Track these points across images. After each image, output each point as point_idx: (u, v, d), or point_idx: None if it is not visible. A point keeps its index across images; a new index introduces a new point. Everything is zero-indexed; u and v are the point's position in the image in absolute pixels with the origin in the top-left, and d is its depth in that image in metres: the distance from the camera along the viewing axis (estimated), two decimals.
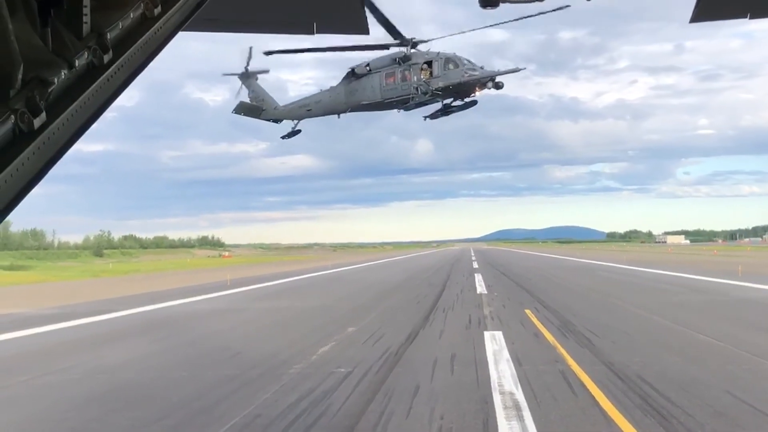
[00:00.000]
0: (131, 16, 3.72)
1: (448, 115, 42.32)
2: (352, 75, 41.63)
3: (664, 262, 79.03)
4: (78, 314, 29.36)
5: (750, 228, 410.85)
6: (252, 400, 12.89)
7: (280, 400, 12.80)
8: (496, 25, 38.65)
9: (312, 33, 6.41)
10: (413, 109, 41.90)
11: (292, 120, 44.12)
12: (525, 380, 13.99)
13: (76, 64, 3.34)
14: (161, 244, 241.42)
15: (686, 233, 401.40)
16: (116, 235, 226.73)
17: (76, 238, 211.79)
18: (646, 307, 28.51)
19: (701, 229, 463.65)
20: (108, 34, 3.54)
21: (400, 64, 40.34)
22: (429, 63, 40.25)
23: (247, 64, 43.55)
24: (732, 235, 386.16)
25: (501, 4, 6.45)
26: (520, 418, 11.17)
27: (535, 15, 32.67)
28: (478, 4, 6.28)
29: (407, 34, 39.69)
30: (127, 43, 3.67)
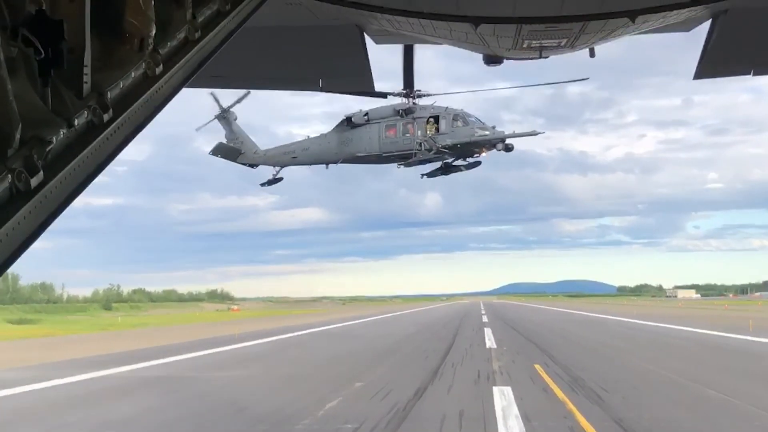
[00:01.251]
0: (132, 75, 3.77)
1: (448, 174, 40.17)
2: (347, 123, 39.28)
3: (675, 316, 78.54)
4: (89, 367, 29.20)
5: (761, 282, 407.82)
6: None
7: None
8: (512, 87, 38.10)
9: (318, 90, 6.48)
10: (415, 165, 39.63)
11: (274, 166, 41.49)
12: None
13: (76, 123, 3.37)
14: (170, 298, 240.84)
15: (697, 287, 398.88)
16: (125, 289, 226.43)
17: (85, 292, 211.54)
18: (655, 361, 28.27)
19: (712, 283, 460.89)
20: (108, 93, 3.58)
21: (402, 116, 38.04)
22: (435, 118, 37.97)
23: (219, 103, 40.96)
24: (743, 290, 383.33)
25: (505, 61, 6.53)
26: None
27: (553, 83, 32.43)
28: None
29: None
30: (128, 102, 3.71)
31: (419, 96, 36.96)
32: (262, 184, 42.20)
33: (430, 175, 40.39)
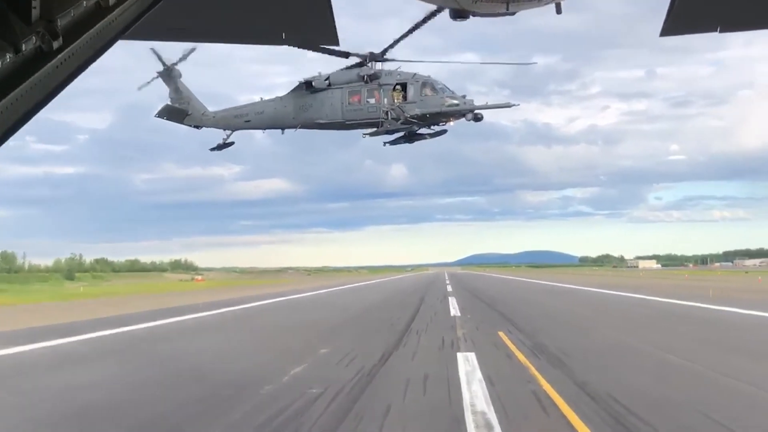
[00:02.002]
0: (84, 4, 3.64)
1: (412, 142, 37.96)
2: (307, 88, 36.55)
3: (635, 286, 79.55)
4: (47, 336, 28.93)
5: (721, 253, 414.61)
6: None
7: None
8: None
9: (281, 43, 6.39)
10: (381, 135, 37.16)
11: (224, 130, 38.55)
12: (497, 400, 13.96)
13: (23, 49, 3.27)
14: (133, 268, 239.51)
15: (658, 258, 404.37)
16: (88, 259, 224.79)
17: (47, 261, 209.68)
18: (616, 328, 28.68)
19: (673, 253, 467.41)
20: (59, 21, 3.46)
21: (367, 81, 35.51)
22: (403, 85, 35.59)
23: (161, 60, 37.53)
24: (703, 260, 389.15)
25: (471, 18, 6.49)
26: None
27: (504, 63, 31.21)
28: (451, 30, 6.33)
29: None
30: (79, 31, 3.59)
31: (384, 61, 35.04)
32: (212, 149, 39.45)
33: (393, 143, 37.86)
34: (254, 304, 54.67)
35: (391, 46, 33.35)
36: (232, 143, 38.94)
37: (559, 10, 6.39)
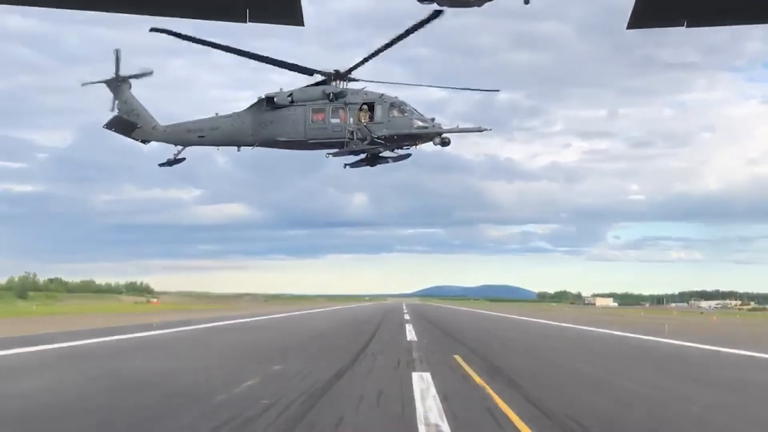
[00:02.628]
0: None
1: (374, 166, 36.47)
2: (267, 104, 34.67)
3: (593, 321, 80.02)
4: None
5: (677, 293, 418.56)
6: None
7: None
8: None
9: (245, 21, 6.28)
10: (345, 155, 35.69)
11: (175, 145, 36.18)
12: (451, 414, 13.85)
13: None
14: (88, 289, 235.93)
15: (615, 296, 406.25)
16: (42, 278, 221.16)
17: None
18: (573, 357, 28.78)
19: (629, 292, 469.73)
20: None
21: (332, 100, 34.01)
22: (370, 105, 34.22)
23: (117, 67, 35.42)
24: (659, 300, 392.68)
25: (439, 5, 6.46)
26: None
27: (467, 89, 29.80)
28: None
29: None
30: None
31: (349, 80, 33.96)
32: (161, 164, 36.98)
33: (355, 165, 36.37)
34: (209, 325, 54.15)
35: (358, 65, 32.47)
36: (182, 159, 36.65)
37: (527, 0, 6.37)
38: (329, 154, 35.23)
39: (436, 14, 25.46)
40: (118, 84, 35.60)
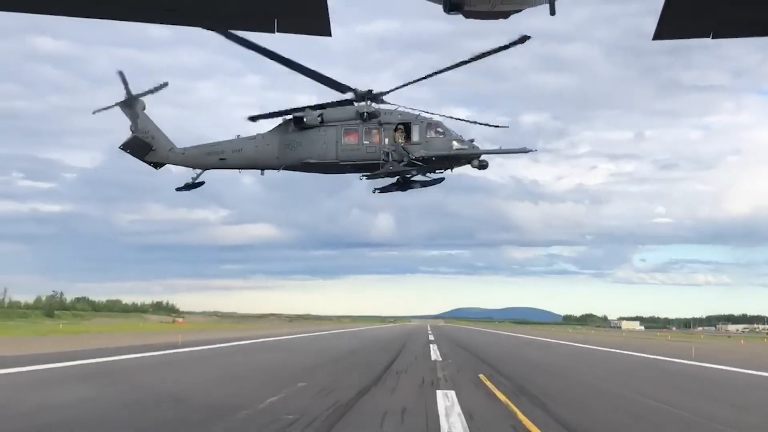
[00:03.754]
0: None
1: (405, 190, 34.69)
2: (295, 124, 32.85)
3: (618, 344, 79.36)
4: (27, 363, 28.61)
5: (704, 317, 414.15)
6: None
7: None
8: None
9: (273, 31, 6.34)
10: (382, 177, 33.74)
11: (194, 168, 34.27)
12: (476, 431, 13.77)
13: None
14: (114, 308, 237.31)
15: (641, 319, 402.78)
16: (69, 297, 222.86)
17: (27, 298, 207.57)
18: (598, 377, 28.54)
19: (656, 315, 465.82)
20: None
21: (365, 119, 32.38)
22: (406, 125, 32.74)
23: (126, 88, 33.51)
24: (686, 324, 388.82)
25: (465, 17, 6.49)
26: None
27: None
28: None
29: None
30: None
31: (381, 102, 32.37)
32: (179, 189, 35.07)
33: (384, 190, 34.57)
34: (234, 344, 54.30)
35: (396, 89, 31.63)
36: (201, 183, 34.81)
37: (552, 11, 6.38)
38: (363, 176, 33.77)
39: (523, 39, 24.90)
40: (131, 105, 34.00)
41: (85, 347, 42.38)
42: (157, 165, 34.66)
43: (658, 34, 6.40)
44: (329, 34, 6.37)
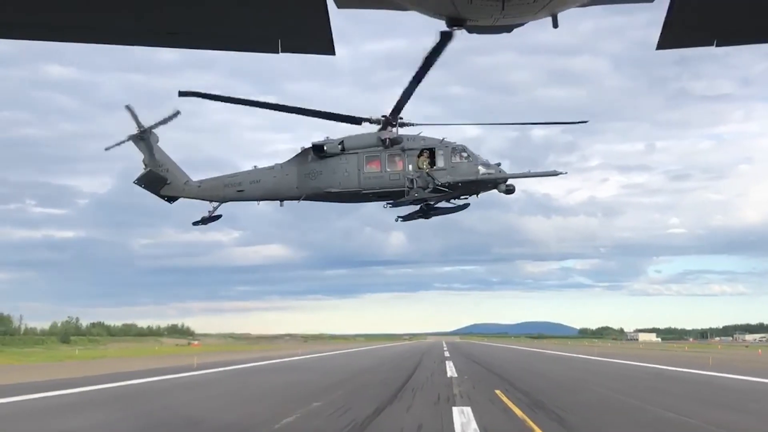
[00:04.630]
0: None
1: (428, 218, 33.68)
2: (316, 152, 31.86)
3: (636, 356, 78.94)
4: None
5: (720, 327, 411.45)
6: None
7: None
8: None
9: (277, 52, 6.37)
10: (407, 205, 32.37)
11: (210, 201, 33.25)
12: None
13: None
14: (130, 332, 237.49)
15: (657, 331, 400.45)
16: (84, 322, 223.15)
17: (43, 324, 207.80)
18: (615, 389, 28.38)
19: (672, 326, 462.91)
20: None
21: (387, 146, 31.44)
22: (430, 151, 31.70)
23: (137, 121, 32.50)
24: (703, 334, 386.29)
25: (468, 32, 6.50)
26: None
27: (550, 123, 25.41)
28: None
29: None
30: None
31: (402, 125, 31.24)
32: (195, 223, 34.10)
33: (407, 218, 33.65)
34: (250, 365, 54.30)
35: (398, 108, 30.92)
36: (219, 216, 33.96)
37: (555, 24, 6.38)
38: (387, 204, 32.50)
39: (446, 36, 24.09)
40: (143, 138, 32.95)
41: (101, 372, 42.45)
42: (171, 199, 33.87)
43: (662, 44, 6.41)
44: (333, 53, 6.40)
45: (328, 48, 6.30)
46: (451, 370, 42.70)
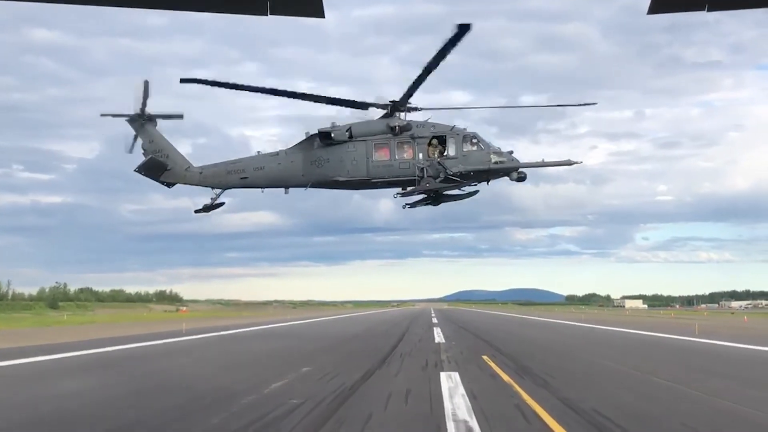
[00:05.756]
0: None
1: (437, 205, 32.91)
2: (321, 139, 30.90)
3: (623, 322, 79.49)
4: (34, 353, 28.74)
5: (707, 294, 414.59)
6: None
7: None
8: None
9: (266, 14, 6.34)
10: (416, 195, 32.01)
11: (213, 188, 32.57)
12: (479, 411, 13.85)
13: None
14: (118, 298, 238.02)
15: (644, 298, 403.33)
16: (72, 288, 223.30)
17: (31, 290, 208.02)
18: (601, 355, 28.66)
19: (659, 294, 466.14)
20: None
21: (396, 133, 30.39)
22: (440, 138, 30.75)
23: (143, 103, 31.78)
24: (689, 301, 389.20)
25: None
26: None
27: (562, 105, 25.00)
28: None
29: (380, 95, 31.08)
30: None
31: (409, 110, 30.50)
32: (197, 211, 33.34)
33: (415, 205, 32.83)
34: (238, 331, 54.54)
35: (408, 94, 29.53)
36: (222, 204, 33.22)
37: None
38: (398, 194, 31.87)
39: (463, 29, 23.64)
40: (143, 122, 32.24)
41: (90, 337, 42.52)
42: (170, 184, 33.36)
43: (654, 8, 6.40)
44: (322, 16, 6.38)
45: (317, 11, 6.28)
46: (438, 336, 42.97)
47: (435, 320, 79.43)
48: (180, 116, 32.50)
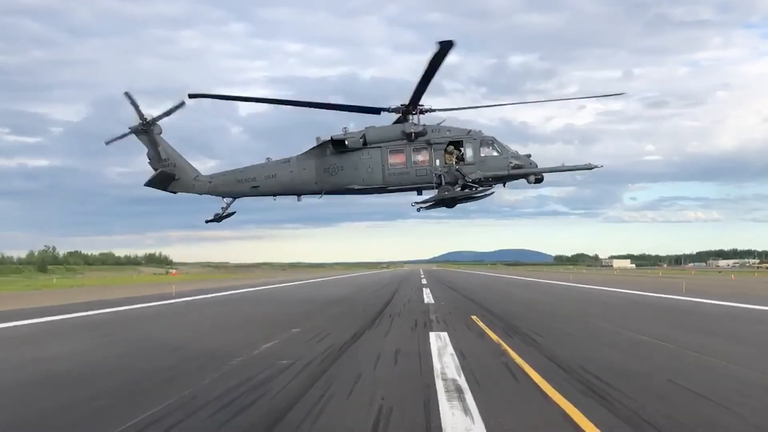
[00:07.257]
0: None
1: (451, 207, 31.80)
2: (334, 146, 29.97)
3: (610, 282, 79.99)
4: (24, 316, 28.73)
5: (695, 253, 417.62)
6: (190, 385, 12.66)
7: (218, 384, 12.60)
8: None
9: None
10: (436, 202, 30.99)
11: (223, 197, 31.65)
12: (468, 369, 13.96)
13: None
14: (107, 261, 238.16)
15: (632, 257, 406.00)
16: (61, 251, 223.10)
17: (19, 254, 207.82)
18: (589, 314, 28.87)
19: (647, 253, 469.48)
20: None
21: (412, 139, 29.51)
22: (457, 144, 29.82)
23: (138, 111, 30.51)
24: (677, 260, 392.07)
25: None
26: (462, 399, 11.11)
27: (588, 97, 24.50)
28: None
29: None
30: None
31: (421, 113, 29.47)
32: (208, 221, 32.22)
33: (429, 207, 31.52)
34: (228, 293, 54.67)
35: (416, 97, 28.61)
36: (232, 213, 32.17)
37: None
38: (415, 203, 31.11)
39: (447, 46, 24.02)
40: (145, 130, 31.00)
41: (80, 300, 42.56)
42: (173, 192, 32.14)
43: None
44: None
45: None
46: (428, 296, 43.22)
47: (424, 281, 79.79)
48: (182, 104, 30.56)
